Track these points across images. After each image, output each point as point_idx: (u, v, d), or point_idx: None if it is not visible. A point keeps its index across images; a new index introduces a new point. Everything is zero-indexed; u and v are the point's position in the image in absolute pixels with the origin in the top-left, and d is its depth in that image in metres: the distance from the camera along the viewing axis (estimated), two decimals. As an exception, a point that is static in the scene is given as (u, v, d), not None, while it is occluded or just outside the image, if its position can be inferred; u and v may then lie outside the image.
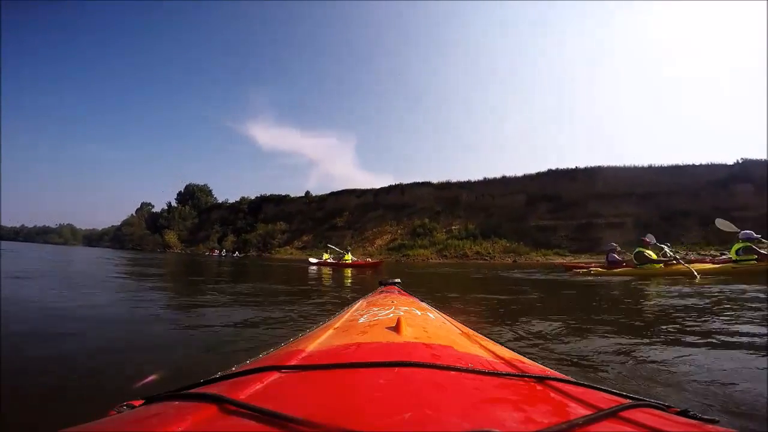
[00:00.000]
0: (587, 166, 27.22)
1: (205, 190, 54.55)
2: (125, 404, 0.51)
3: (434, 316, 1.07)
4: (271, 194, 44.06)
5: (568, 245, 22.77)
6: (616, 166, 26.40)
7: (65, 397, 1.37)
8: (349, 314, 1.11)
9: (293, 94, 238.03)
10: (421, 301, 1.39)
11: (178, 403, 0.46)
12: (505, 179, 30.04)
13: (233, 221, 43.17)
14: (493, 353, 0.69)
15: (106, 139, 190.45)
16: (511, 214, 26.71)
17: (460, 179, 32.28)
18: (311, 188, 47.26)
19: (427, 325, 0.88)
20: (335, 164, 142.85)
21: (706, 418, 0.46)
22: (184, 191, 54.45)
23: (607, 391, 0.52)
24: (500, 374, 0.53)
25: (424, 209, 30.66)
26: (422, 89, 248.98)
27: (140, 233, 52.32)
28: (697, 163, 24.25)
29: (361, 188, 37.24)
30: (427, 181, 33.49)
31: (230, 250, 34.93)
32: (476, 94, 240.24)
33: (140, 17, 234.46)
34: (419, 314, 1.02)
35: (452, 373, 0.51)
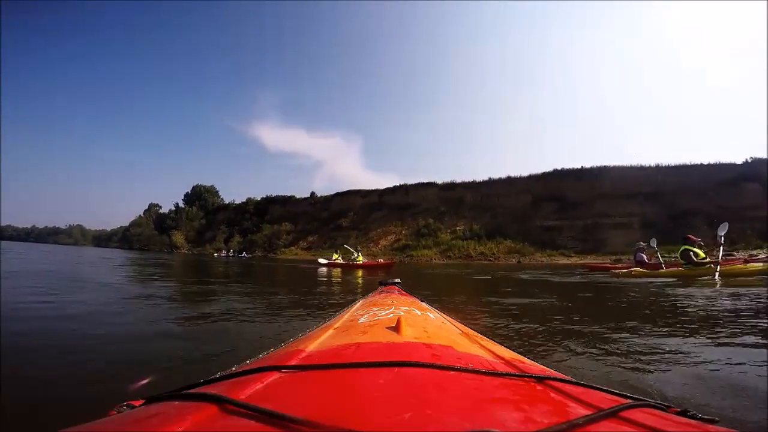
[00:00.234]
0: (593, 165, 27.02)
1: (212, 191, 55.04)
2: (125, 404, 0.51)
3: (434, 316, 1.08)
4: (277, 195, 44.37)
5: (573, 246, 22.63)
6: (622, 165, 26.18)
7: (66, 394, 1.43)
8: (349, 314, 1.12)
9: (299, 94, 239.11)
10: (421, 301, 1.40)
11: (178, 403, 0.46)
12: (510, 179, 29.89)
13: (239, 222, 43.53)
14: (493, 353, 0.70)
15: (115, 140, 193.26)
16: (516, 214, 26.59)
17: (464, 180, 32.24)
18: (317, 189, 47.39)
19: (427, 325, 0.89)
20: (341, 165, 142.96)
21: (706, 418, 0.46)
22: (191, 192, 55.01)
23: (607, 391, 0.52)
24: (500, 374, 0.54)
25: (428, 210, 30.65)
26: (428, 89, 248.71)
27: (148, 234, 52.95)
28: (705, 162, 23.97)
29: (365, 189, 37.32)
30: (431, 181, 33.52)
31: (237, 250, 35.16)
32: (482, 93, 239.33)
33: (147, 18, 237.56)
34: (419, 314, 1.03)
35: (452, 373, 0.51)
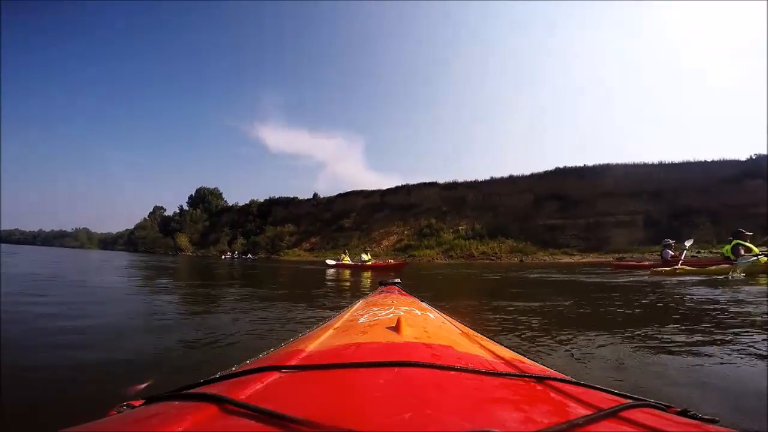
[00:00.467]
0: (595, 164, 26.93)
1: (215, 193, 55.30)
2: (125, 404, 0.52)
3: (434, 316, 1.08)
4: (279, 197, 44.52)
5: (576, 244, 22.58)
6: (624, 163, 26.05)
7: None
8: (349, 314, 1.12)
9: (301, 95, 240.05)
10: (421, 301, 1.41)
11: (178, 403, 0.46)
12: (512, 178, 29.80)
13: (243, 224, 43.75)
14: (493, 353, 0.70)
15: (119, 143, 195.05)
16: (518, 213, 26.54)
17: (466, 179, 32.13)
18: (320, 189, 47.38)
19: (427, 325, 0.89)
20: (344, 165, 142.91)
21: (706, 417, 0.46)
22: (195, 194, 55.30)
23: (607, 391, 0.52)
24: (500, 374, 0.54)
25: (430, 210, 30.65)
26: (429, 89, 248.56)
27: (153, 236, 53.32)
28: (708, 159, 23.82)
29: (367, 189, 37.36)
30: (433, 181, 33.43)
31: (242, 252, 35.30)
32: (483, 93, 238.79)
33: (150, 19, 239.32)
34: (419, 314, 1.03)
35: (452, 373, 0.52)
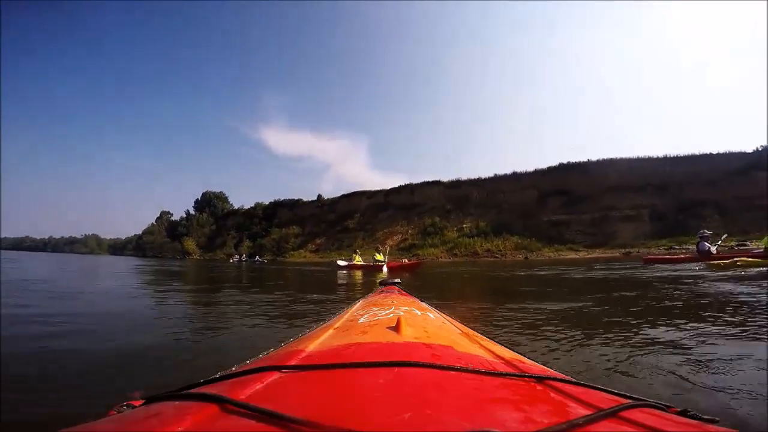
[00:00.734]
0: (599, 158, 26.82)
1: (221, 197, 55.75)
2: (125, 404, 0.52)
3: (434, 316, 1.08)
4: (284, 199, 44.83)
5: (582, 240, 22.49)
6: (629, 157, 25.85)
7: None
8: (349, 314, 1.12)
9: (304, 97, 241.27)
10: (421, 301, 1.42)
11: (178, 403, 0.46)
12: (515, 175, 29.75)
13: (249, 227, 44.09)
14: (493, 353, 0.70)
15: (128, 151, 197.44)
16: (522, 210, 26.47)
17: (470, 177, 32.03)
18: (325, 191, 47.76)
19: (427, 325, 0.89)
20: (348, 166, 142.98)
21: (706, 417, 0.46)
22: (201, 199, 55.80)
23: (607, 391, 0.52)
24: (500, 374, 0.54)
25: (434, 208, 30.67)
26: (431, 89, 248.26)
27: (161, 241, 53.89)
28: (713, 152, 23.59)
29: (371, 190, 37.45)
30: (437, 180, 33.41)
31: (250, 254, 35.48)
32: (485, 90, 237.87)
33: (152, 22, 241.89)
34: (419, 314, 1.03)
35: (452, 373, 0.52)
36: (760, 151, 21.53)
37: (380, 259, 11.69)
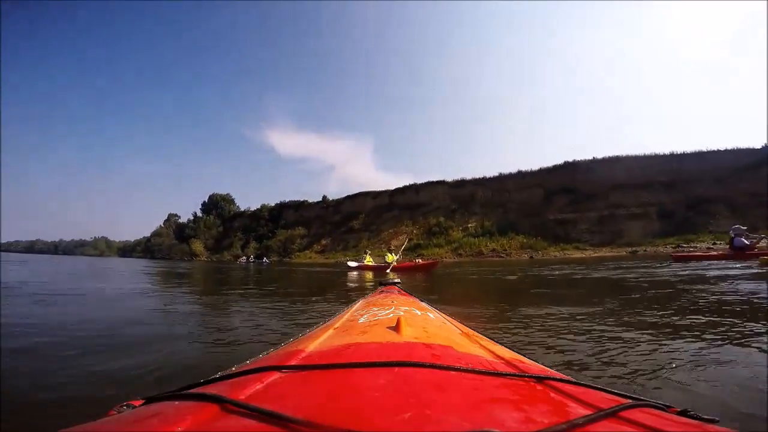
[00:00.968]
0: (605, 156, 26.50)
1: (228, 199, 56.09)
2: (125, 404, 0.52)
3: (434, 316, 1.08)
4: (290, 200, 45.03)
5: (589, 238, 22.30)
6: (635, 155, 25.56)
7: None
8: (349, 314, 1.12)
9: (310, 99, 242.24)
10: (421, 300, 1.42)
11: (178, 403, 0.46)
12: (521, 173, 29.54)
13: (255, 228, 44.38)
14: (493, 353, 0.70)
15: (136, 155, 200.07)
16: (528, 209, 26.30)
17: (475, 176, 31.81)
18: (331, 192, 47.80)
19: (427, 325, 0.89)
20: (354, 166, 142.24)
21: (706, 417, 0.46)
22: (208, 201, 56.21)
23: (607, 391, 0.52)
24: (500, 374, 0.54)
25: (439, 208, 30.61)
26: (435, 88, 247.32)
27: (169, 243, 54.42)
28: (722, 148, 23.22)
29: (375, 190, 37.45)
30: (441, 179, 33.28)
31: (257, 256, 35.69)
32: (487, 88, 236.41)
33: (160, 26, 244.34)
34: (419, 314, 1.03)
35: (452, 373, 0.52)
36: (769, 146, 21.17)
37: (392, 259, 11.33)
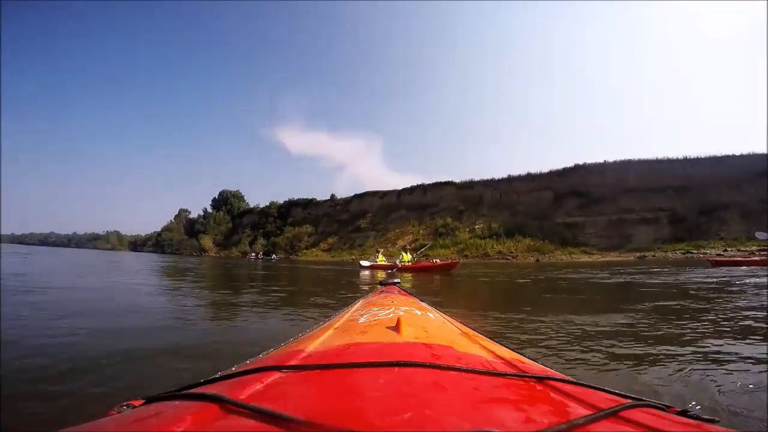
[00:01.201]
0: (617, 159, 26.20)
1: (237, 195, 56.58)
2: (125, 404, 0.52)
3: (434, 316, 1.08)
4: (298, 198, 45.33)
5: (597, 243, 22.06)
6: (647, 158, 25.18)
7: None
8: (349, 314, 1.12)
9: (321, 98, 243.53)
10: (421, 300, 1.42)
11: (178, 402, 0.46)
12: (530, 176, 29.26)
13: (263, 225, 44.77)
14: (493, 353, 0.70)
15: (148, 151, 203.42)
16: (536, 211, 26.09)
17: (483, 177, 31.58)
18: (340, 191, 47.93)
19: (427, 325, 0.89)
20: (363, 166, 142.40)
21: (706, 417, 0.46)
22: (218, 197, 56.79)
23: (607, 391, 0.52)
24: (500, 374, 0.54)
25: (446, 209, 30.52)
26: (446, 89, 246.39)
27: (179, 238, 55.07)
28: (736, 153, 22.78)
29: (383, 190, 37.46)
30: (449, 180, 33.10)
31: (265, 253, 35.98)
32: (497, 89, 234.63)
33: (172, 25, 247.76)
34: (419, 314, 1.04)
35: (452, 373, 0.52)
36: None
37: (407, 258, 11.09)
